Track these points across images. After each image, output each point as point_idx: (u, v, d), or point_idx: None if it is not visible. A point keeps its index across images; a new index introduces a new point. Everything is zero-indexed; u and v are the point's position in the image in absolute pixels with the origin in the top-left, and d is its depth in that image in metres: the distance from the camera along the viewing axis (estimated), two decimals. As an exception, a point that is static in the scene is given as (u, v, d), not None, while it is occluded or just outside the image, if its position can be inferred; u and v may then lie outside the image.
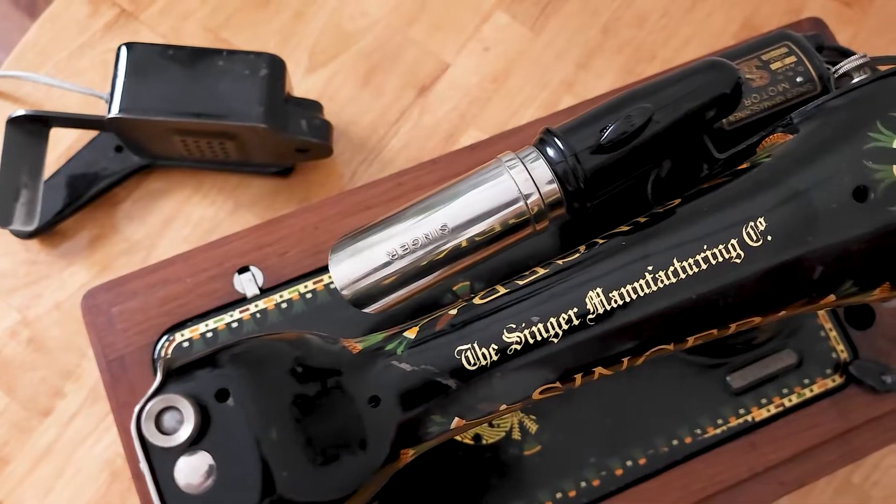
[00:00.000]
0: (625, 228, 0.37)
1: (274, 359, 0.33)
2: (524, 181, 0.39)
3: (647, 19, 0.79)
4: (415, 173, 0.63)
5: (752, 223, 0.34)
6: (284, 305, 0.58)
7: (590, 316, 0.34)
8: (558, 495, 0.56)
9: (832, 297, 0.35)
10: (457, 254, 0.39)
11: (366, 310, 0.40)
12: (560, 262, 0.37)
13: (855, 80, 0.38)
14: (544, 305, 0.35)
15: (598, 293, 0.34)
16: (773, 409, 0.59)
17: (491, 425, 0.57)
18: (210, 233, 0.70)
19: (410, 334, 0.36)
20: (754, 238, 0.34)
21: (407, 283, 0.39)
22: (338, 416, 0.32)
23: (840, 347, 0.61)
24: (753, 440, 0.59)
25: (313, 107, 0.66)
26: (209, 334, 0.58)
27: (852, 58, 0.39)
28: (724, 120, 0.48)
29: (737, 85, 0.40)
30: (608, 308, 0.34)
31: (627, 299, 0.34)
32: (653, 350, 0.35)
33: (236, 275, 0.59)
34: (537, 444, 0.57)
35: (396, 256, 0.38)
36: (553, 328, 0.34)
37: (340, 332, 0.43)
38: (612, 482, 0.57)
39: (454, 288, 0.57)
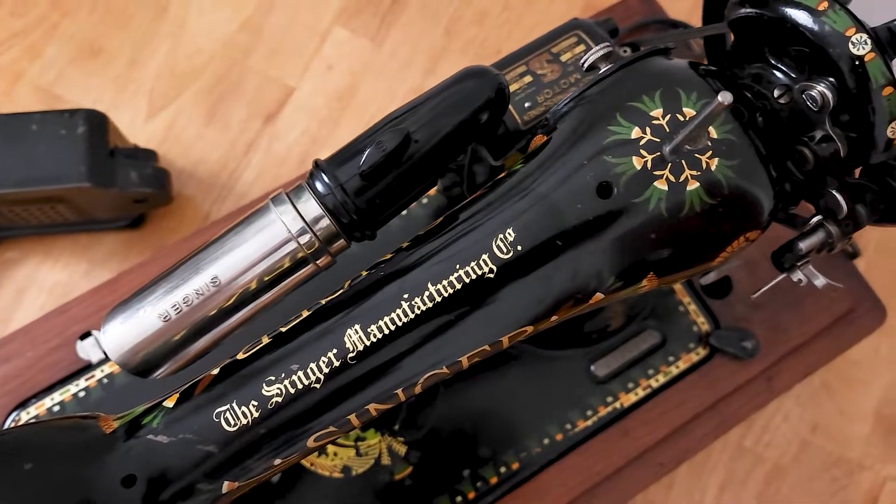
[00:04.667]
0: (388, 256, 0.36)
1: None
2: (292, 220, 0.37)
3: (488, 15, 0.78)
4: (254, 207, 0.62)
5: (501, 235, 0.34)
6: (131, 366, 0.56)
7: (350, 355, 0.33)
8: (435, 514, 0.56)
9: (599, 296, 0.35)
10: (237, 304, 0.38)
11: (154, 376, 0.38)
12: (323, 301, 0.36)
13: (601, 71, 0.37)
14: (304, 351, 0.34)
15: (356, 330, 0.33)
16: (641, 393, 0.59)
17: (359, 454, 0.56)
18: (66, 297, 0.68)
19: (170, 403, 0.35)
20: (504, 250, 0.34)
21: (189, 343, 0.38)
22: (81, 506, 0.31)
23: (701, 320, 0.61)
24: (626, 426, 0.59)
25: (145, 156, 0.65)
26: (56, 408, 0.56)
27: (596, 48, 0.38)
28: (518, 119, 0.47)
29: (499, 89, 0.39)
30: (367, 344, 0.33)
31: (386, 331, 0.33)
32: (426, 377, 0.34)
33: (79, 342, 0.57)
34: (408, 466, 0.56)
35: (169, 318, 0.37)
36: (314, 373, 0.33)
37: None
38: (489, 492, 0.56)
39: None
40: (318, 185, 0.38)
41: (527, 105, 0.47)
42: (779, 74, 0.39)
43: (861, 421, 0.70)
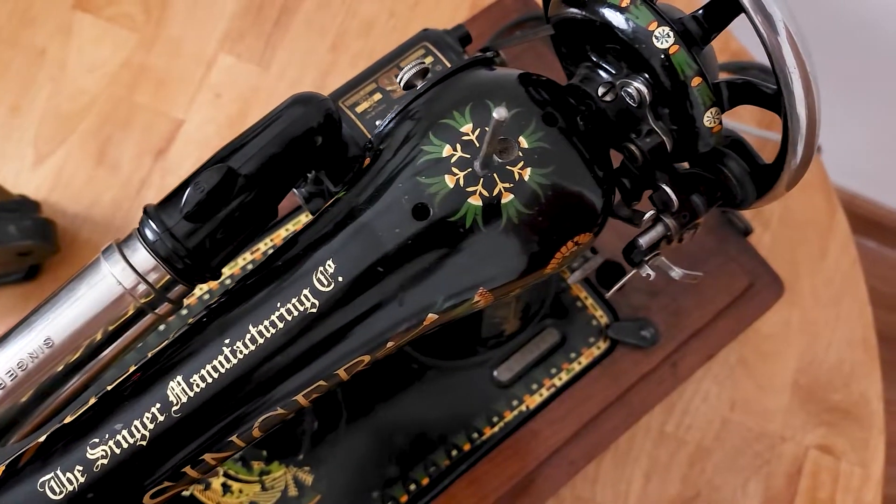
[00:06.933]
0: (217, 300, 0.35)
1: None
2: (122, 272, 0.36)
3: (374, 25, 0.78)
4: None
5: (321, 268, 0.33)
6: (22, 425, 0.55)
7: (174, 408, 0.33)
8: (346, 540, 0.55)
9: (433, 316, 0.34)
10: (78, 363, 0.37)
11: (2, 445, 0.37)
12: (150, 354, 0.35)
13: (417, 88, 0.37)
14: (128, 409, 0.33)
15: (178, 382, 0.33)
16: (545, 393, 0.59)
17: (264, 488, 0.56)
18: (-35, 358, 0.67)
19: (-5, 476, 0.34)
20: (325, 283, 0.33)
21: (34, 407, 0.37)
22: None
23: (599, 313, 0.61)
24: (533, 428, 0.58)
25: (27, 207, 0.63)
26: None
27: (410, 65, 0.38)
28: (371, 139, 0.46)
29: (327, 115, 0.38)
30: (191, 395, 0.33)
31: (209, 380, 0.33)
32: (261, 420, 0.34)
33: (-34, 406, 0.55)
34: (317, 495, 0.56)
35: (4, 385, 0.36)
36: (139, 431, 0.32)
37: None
38: (400, 511, 0.56)
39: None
40: (148, 233, 0.37)
41: (378, 123, 0.46)
42: (603, 73, 0.38)
43: (779, 393, 0.70)
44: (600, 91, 0.38)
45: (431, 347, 0.58)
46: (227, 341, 0.33)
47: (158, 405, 0.33)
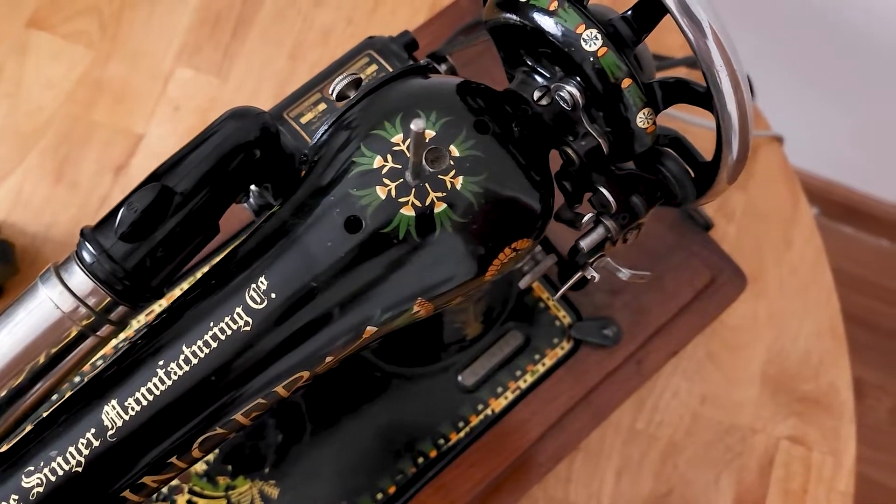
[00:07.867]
0: (154, 320, 0.35)
1: None
2: (60, 297, 0.36)
3: (331, 33, 0.77)
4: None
5: (253, 285, 0.33)
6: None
7: (110, 433, 0.32)
8: (314, 553, 0.55)
9: (372, 329, 0.34)
10: (21, 389, 0.37)
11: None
12: (86, 378, 0.35)
13: (349, 100, 0.36)
14: (63, 435, 0.32)
15: (113, 406, 0.32)
16: (510, 396, 0.59)
17: (230, 504, 0.55)
18: (-72, 384, 0.66)
19: (-70, 510, 0.34)
20: (258, 300, 0.33)
21: (-23, 436, 0.37)
22: None
23: (562, 313, 0.61)
24: (499, 431, 0.58)
25: (-17, 229, 0.63)
26: None
27: (341, 77, 0.37)
28: (307, 151, 0.46)
29: (264, 128, 0.38)
30: (126, 419, 0.32)
31: (144, 403, 0.32)
32: (200, 441, 0.33)
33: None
34: (283, 507, 0.55)
35: (-58, 416, 0.36)
36: (74, 457, 0.32)
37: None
38: (368, 520, 0.56)
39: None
40: (85, 255, 0.37)
41: (320, 134, 0.46)
42: (538, 78, 0.38)
43: (748, 385, 0.70)
44: (535, 95, 0.37)
45: (394, 355, 0.58)
46: (161, 363, 0.33)
47: (93, 430, 0.32)
